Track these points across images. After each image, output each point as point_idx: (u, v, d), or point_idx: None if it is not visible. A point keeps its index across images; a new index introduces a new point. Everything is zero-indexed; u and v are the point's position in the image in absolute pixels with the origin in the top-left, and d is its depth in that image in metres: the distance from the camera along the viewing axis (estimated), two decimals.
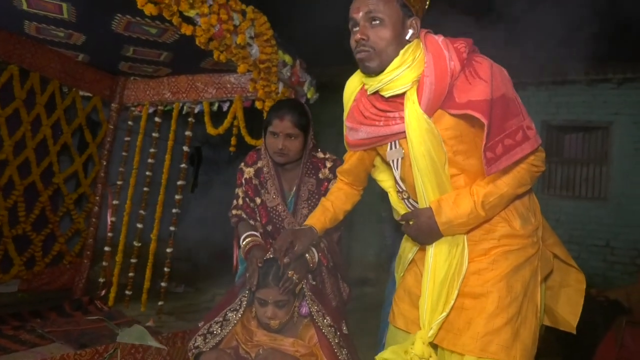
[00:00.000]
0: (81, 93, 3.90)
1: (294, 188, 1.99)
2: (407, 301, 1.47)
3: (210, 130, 3.56)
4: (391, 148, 1.45)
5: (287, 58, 2.84)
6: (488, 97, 1.23)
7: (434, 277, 1.34)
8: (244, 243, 1.82)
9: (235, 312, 1.71)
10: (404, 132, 1.35)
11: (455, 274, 1.33)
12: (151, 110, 3.95)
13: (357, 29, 1.35)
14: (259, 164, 2.03)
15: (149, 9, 1.97)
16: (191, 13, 2.10)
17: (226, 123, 3.45)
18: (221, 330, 1.68)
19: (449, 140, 1.33)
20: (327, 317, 1.68)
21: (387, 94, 1.36)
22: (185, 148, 3.76)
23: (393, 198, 1.55)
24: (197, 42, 2.25)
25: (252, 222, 1.98)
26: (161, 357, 2.05)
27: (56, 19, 2.75)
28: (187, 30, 2.19)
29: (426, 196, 1.38)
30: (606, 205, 6.10)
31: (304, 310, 1.69)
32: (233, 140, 3.40)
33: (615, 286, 5.08)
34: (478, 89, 1.25)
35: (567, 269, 1.54)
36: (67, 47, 3.31)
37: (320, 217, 1.71)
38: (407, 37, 1.34)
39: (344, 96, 1.56)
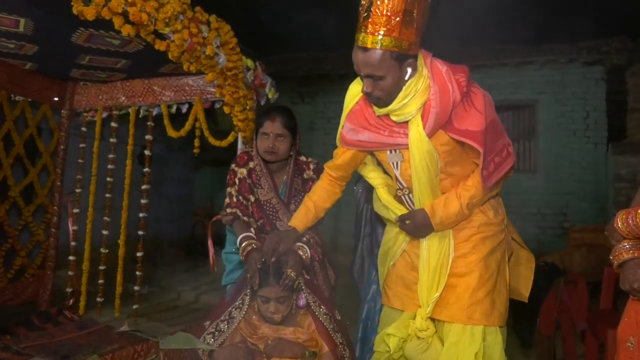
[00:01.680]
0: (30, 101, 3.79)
1: (285, 184, 2.18)
2: (401, 284, 1.73)
3: (171, 132, 3.59)
4: (391, 152, 1.67)
5: (250, 62, 2.96)
6: (483, 127, 1.48)
7: (428, 265, 1.61)
8: (242, 245, 1.97)
9: (239, 310, 1.87)
10: (406, 144, 1.57)
11: (444, 260, 1.61)
12: (105, 115, 3.91)
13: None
14: (251, 165, 2.19)
15: (127, 30, 2.02)
16: (165, 30, 2.17)
17: (188, 125, 3.50)
18: (228, 327, 1.84)
19: (443, 154, 1.59)
20: (323, 307, 1.88)
21: (396, 120, 1.56)
22: (146, 152, 3.78)
23: (382, 194, 1.77)
24: (170, 57, 2.32)
25: (245, 218, 2.13)
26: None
27: (9, 32, 2.68)
28: (161, 46, 2.25)
29: (421, 199, 1.64)
30: (536, 177, 6.71)
31: (302, 302, 1.88)
32: (197, 142, 3.46)
33: (548, 249, 5.69)
34: (475, 120, 1.49)
35: (520, 250, 1.87)
36: (15, 57, 3.21)
37: (302, 219, 1.91)
38: (406, 78, 1.52)
39: (346, 98, 1.75)
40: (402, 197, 1.74)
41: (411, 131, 1.55)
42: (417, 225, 1.63)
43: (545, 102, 6.72)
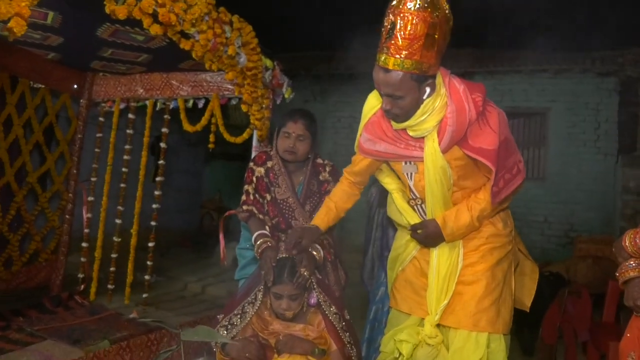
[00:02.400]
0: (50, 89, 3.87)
1: (301, 187, 2.24)
2: (409, 289, 1.79)
3: (187, 127, 3.65)
4: (406, 164, 1.74)
5: (268, 62, 3.01)
6: (496, 146, 1.53)
7: (437, 274, 1.67)
8: (257, 243, 2.04)
9: (252, 305, 1.93)
10: (421, 157, 1.63)
11: (453, 269, 1.67)
12: (122, 106, 3.98)
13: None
14: (269, 164, 2.25)
15: (155, 29, 2.08)
16: (191, 30, 2.23)
17: (204, 120, 3.56)
18: (240, 321, 1.91)
19: (456, 168, 1.64)
20: (333, 306, 1.94)
21: (413, 135, 1.62)
22: (162, 144, 3.85)
23: (398, 199, 1.83)
24: (193, 56, 2.38)
25: (261, 216, 2.20)
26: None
27: (37, 23, 2.74)
28: (186, 45, 2.31)
29: (434, 211, 1.71)
30: (544, 185, 6.73)
31: (313, 300, 1.94)
32: (212, 137, 3.52)
33: (552, 257, 5.72)
34: (489, 138, 1.54)
35: (525, 260, 1.94)
36: (39, 47, 3.28)
37: (324, 218, 1.99)
38: (424, 97, 1.58)
39: (364, 109, 1.80)
40: (415, 207, 1.80)
41: (427, 146, 1.61)
42: (429, 235, 1.70)
43: (557, 111, 6.73)
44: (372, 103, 1.76)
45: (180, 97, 3.70)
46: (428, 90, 1.57)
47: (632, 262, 1.40)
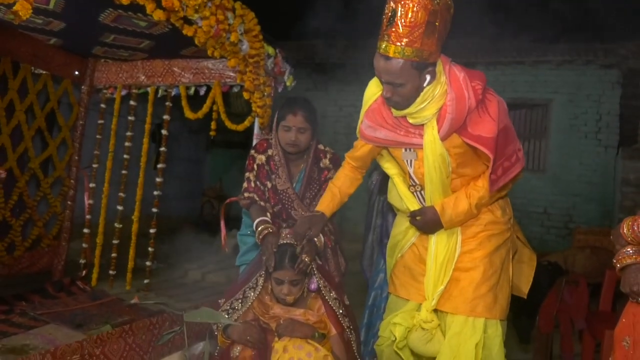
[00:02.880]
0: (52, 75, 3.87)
1: (302, 174, 2.25)
2: (408, 275, 1.82)
3: (189, 114, 3.65)
4: (405, 151, 1.75)
5: (271, 50, 3.01)
6: (495, 134, 1.55)
7: (435, 260, 1.70)
8: (258, 229, 2.05)
9: (253, 290, 1.96)
10: (420, 144, 1.64)
11: (450, 256, 1.70)
12: (124, 92, 3.98)
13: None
14: (269, 152, 2.26)
15: (158, 15, 2.09)
16: (194, 16, 2.23)
17: (205, 108, 3.56)
18: (242, 306, 1.94)
19: (455, 155, 1.66)
20: (333, 291, 1.97)
21: (413, 122, 1.63)
22: (163, 132, 3.86)
23: (399, 185, 1.85)
24: (196, 42, 2.39)
25: (262, 203, 2.21)
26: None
27: (39, 8, 2.73)
28: (189, 31, 2.32)
29: (432, 197, 1.73)
30: (544, 176, 6.75)
31: (313, 286, 1.97)
32: (213, 125, 3.53)
33: (551, 248, 5.75)
34: (487, 126, 1.55)
35: (523, 248, 1.96)
36: (40, 32, 3.27)
37: (329, 204, 2.01)
38: (425, 84, 1.58)
39: (365, 95, 1.81)
40: (414, 193, 1.82)
41: (426, 134, 1.63)
42: (427, 222, 1.72)
43: (559, 103, 6.72)
44: (373, 90, 1.78)
45: (181, 84, 3.69)
46: (428, 77, 1.58)
47: (629, 249, 1.41)
